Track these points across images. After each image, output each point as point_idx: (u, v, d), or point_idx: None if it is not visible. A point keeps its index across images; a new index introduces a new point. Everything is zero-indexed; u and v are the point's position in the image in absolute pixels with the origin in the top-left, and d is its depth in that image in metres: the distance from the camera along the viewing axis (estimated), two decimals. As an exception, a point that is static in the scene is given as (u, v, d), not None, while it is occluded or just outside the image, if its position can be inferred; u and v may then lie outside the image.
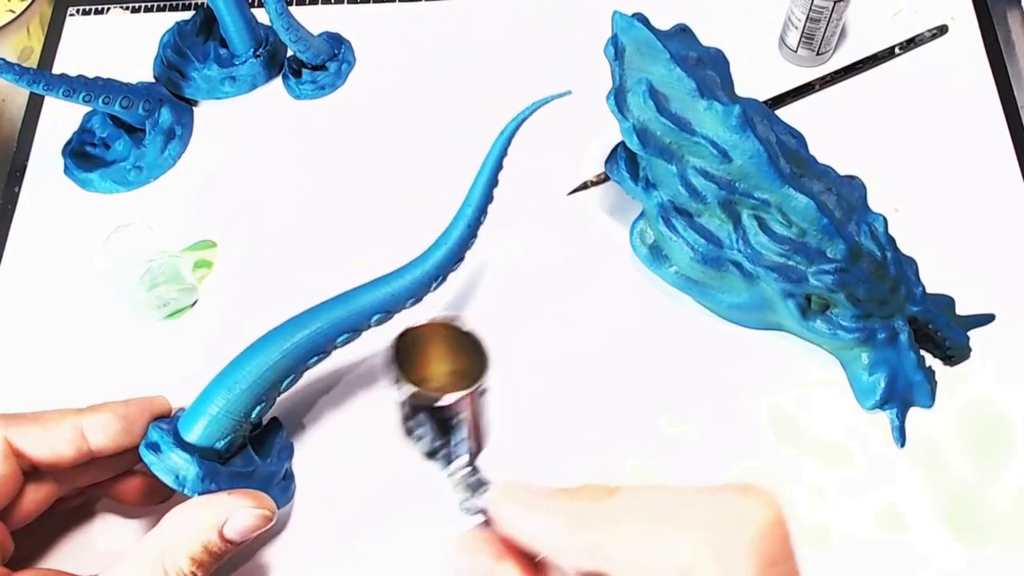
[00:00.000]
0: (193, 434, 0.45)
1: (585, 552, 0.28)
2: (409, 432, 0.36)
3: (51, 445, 0.43)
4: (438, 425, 0.35)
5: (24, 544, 0.46)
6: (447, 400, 0.35)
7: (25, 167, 0.65)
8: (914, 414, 0.53)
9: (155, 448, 0.44)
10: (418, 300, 0.48)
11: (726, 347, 0.56)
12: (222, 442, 0.45)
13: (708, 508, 0.27)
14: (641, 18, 0.51)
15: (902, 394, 0.52)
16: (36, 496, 0.45)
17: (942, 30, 0.67)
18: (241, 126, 0.66)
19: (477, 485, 0.35)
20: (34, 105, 0.68)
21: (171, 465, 0.43)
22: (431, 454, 0.36)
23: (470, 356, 0.36)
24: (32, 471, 0.44)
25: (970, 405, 0.53)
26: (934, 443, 0.52)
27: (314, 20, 0.66)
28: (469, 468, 0.36)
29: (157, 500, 0.49)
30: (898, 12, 0.68)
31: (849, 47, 0.67)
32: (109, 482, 0.48)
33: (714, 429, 0.53)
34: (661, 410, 0.54)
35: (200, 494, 0.43)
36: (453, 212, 0.61)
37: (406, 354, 0.36)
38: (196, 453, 0.44)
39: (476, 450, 0.36)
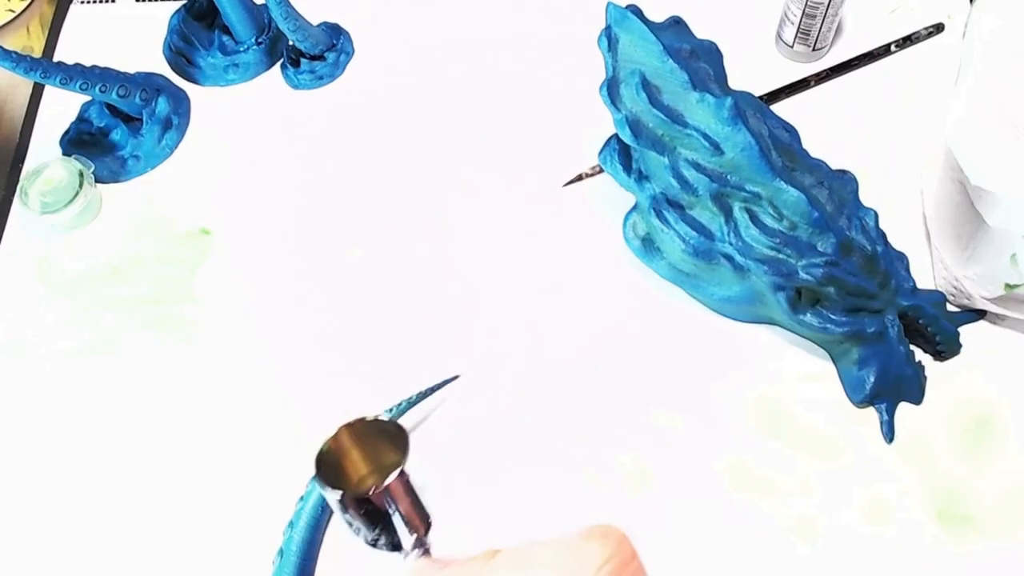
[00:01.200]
0: None
1: None
2: (350, 529, 0.38)
3: None
4: (370, 518, 0.37)
5: None
6: (369, 493, 0.36)
7: (25, 156, 0.65)
8: (903, 409, 0.53)
9: None
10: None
11: (717, 340, 0.56)
12: None
13: (561, 554, 0.32)
14: (635, 10, 0.51)
15: (892, 389, 0.52)
16: None
17: (938, 28, 0.67)
18: (239, 116, 0.66)
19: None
20: (34, 99, 0.68)
21: None
22: (373, 544, 0.38)
23: (387, 445, 0.37)
24: None
25: (959, 400, 0.53)
26: (923, 438, 0.52)
27: (313, 10, 0.67)
28: (417, 549, 0.37)
29: None
30: (895, 9, 0.68)
31: (845, 43, 0.67)
32: None
33: (704, 421, 0.53)
34: (651, 402, 0.54)
35: None
36: (448, 202, 0.62)
37: (329, 468, 0.37)
38: None
39: (420, 528, 0.37)
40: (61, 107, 0.66)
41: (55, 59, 0.70)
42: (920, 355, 0.54)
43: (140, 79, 0.64)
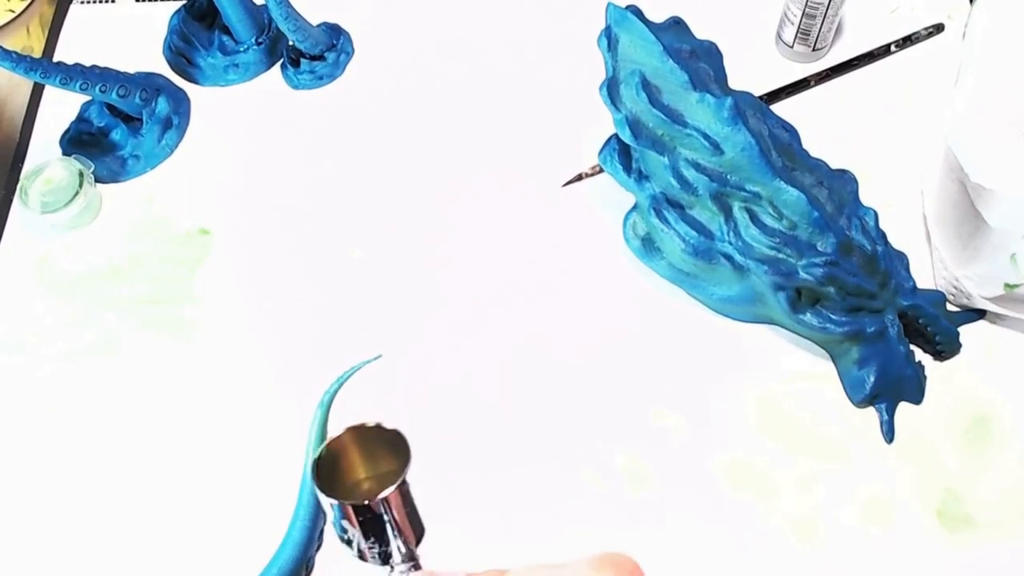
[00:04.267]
0: None
1: None
2: (342, 539, 0.37)
3: None
4: (364, 528, 0.36)
5: None
6: (366, 501, 0.36)
7: (25, 156, 0.65)
8: (903, 409, 0.53)
9: None
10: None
11: (717, 340, 0.56)
12: None
13: None
14: (635, 10, 0.51)
15: (891, 389, 0.52)
16: None
17: (938, 28, 0.67)
18: (239, 116, 0.66)
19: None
20: (34, 99, 0.68)
21: None
22: (360, 556, 0.37)
23: (388, 454, 0.37)
24: None
25: (959, 400, 0.53)
26: (923, 437, 0.52)
27: (313, 10, 0.67)
28: (406, 564, 0.37)
29: None
30: (896, 9, 0.69)
31: (845, 43, 0.67)
32: None
33: (704, 421, 0.53)
34: (651, 402, 0.54)
35: None
36: (448, 202, 0.62)
37: (327, 472, 0.36)
38: None
39: (412, 542, 0.37)
40: (61, 107, 0.66)
41: (55, 59, 0.70)
42: (920, 355, 0.54)
43: (140, 79, 0.64)
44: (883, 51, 0.66)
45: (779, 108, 0.64)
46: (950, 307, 0.55)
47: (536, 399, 0.54)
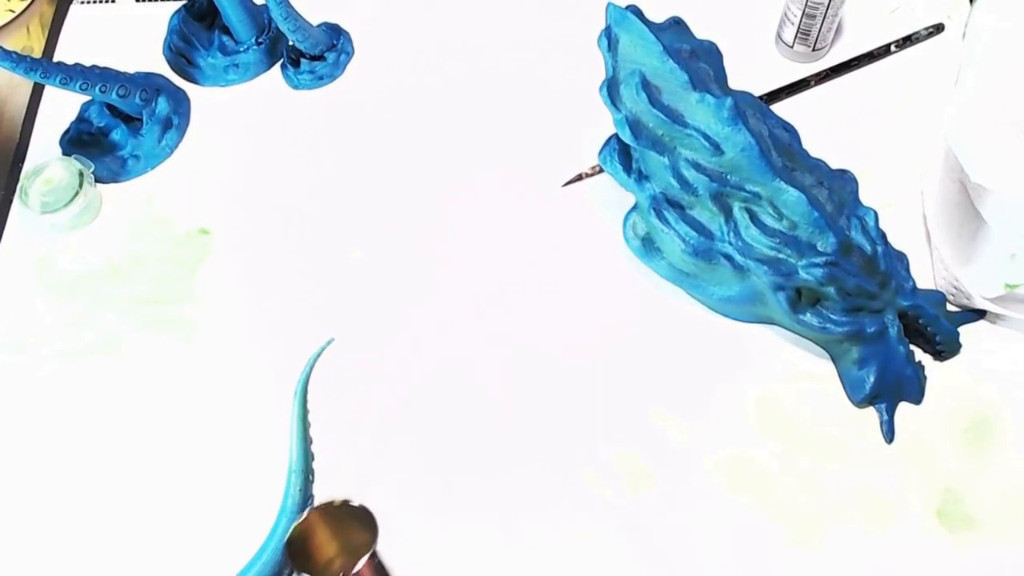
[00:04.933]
0: None
1: None
2: None
3: None
4: None
5: None
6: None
7: (25, 156, 0.65)
8: (903, 409, 0.53)
9: None
10: None
11: (717, 340, 0.56)
12: None
13: None
14: (635, 10, 0.51)
15: (891, 389, 0.52)
16: None
17: (938, 28, 0.67)
18: (239, 116, 0.66)
19: None
20: (34, 99, 0.68)
21: None
22: None
23: (357, 528, 0.37)
24: None
25: (959, 400, 0.53)
26: (923, 438, 0.52)
27: (313, 10, 0.67)
28: None
29: None
30: (896, 9, 0.68)
31: (845, 43, 0.67)
32: None
33: (704, 421, 0.53)
34: (651, 402, 0.54)
35: None
36: (448, 202, 0.62)
37: (298, 552, 0.37)
38: None
39: None
40: (61, 107, 0.66)
41: (55, 59, 0.70)
42: (920, 355, 0.54)
43: (140, 79, 0.64)
44: (883, 51, 0.66)
45: (779, 108, 0.64)
46: (950, 307, 0.55)
47: (536, 399, 0.54)
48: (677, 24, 0.53)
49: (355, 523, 0.37)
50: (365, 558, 0.35)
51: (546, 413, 0.54)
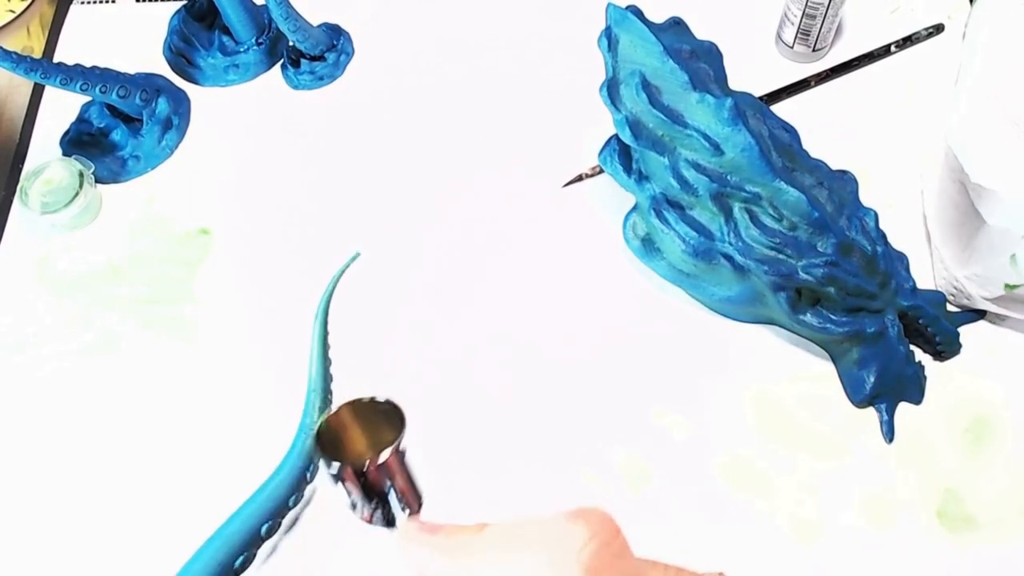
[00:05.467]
0: None
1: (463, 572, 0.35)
2: (348, 502, 0.39)
3: None
4: (366, 491, 0.38)
5: None
6: (367, 466, 0.37)
7: (25, 156, 0.65)
8: (903, 409, 0.53)
9: None
10: (300, 495, 0.50)
11: (717, 340, 0.56)
12: None
13: (546, 532, 0.35)
14: (635, 11, 0.51)
15: (891, 389, 0.52)
16: None
17: (938, 29, 0.67)
18: (239, 116, 0.66)
19: None
20: (34, 99, 0.68)
21: None
22: (369, 518, 0.38)
23: (384, 423, 0.38)
24: None
25: (959, 400, 0.53)
26: (923, 438, 0.52)
27: (313, 10, 0.67)
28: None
29: None
30: (896, 10, 0.69)
31: (845, 44, 0.67)
32: None
33: (704, 421, 0.53)
34: (651, 402, 0.54)
35: None
36: (448, 202, 0.62)
37: (328, 443, 0.37)
38: None
39: (414, 504, 0.39)
40: (61, 107, 0.66)
41: (55, 59, 0.70)
42: (920, 355, 0.54)
43: (140, 79, 0.64)
44: (883, 51, 0.66)
45: (779, 108, 0.64)
46: (950, 307, 0.55)
47: (536, 399, 0.54)
48: (677, 24, 0.53)
49: (383, 418, 0.38)
50: (391, 448, 0.37)
51: (546, 412, 0.54)
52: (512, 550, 0.34)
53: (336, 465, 0.37)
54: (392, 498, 0.38)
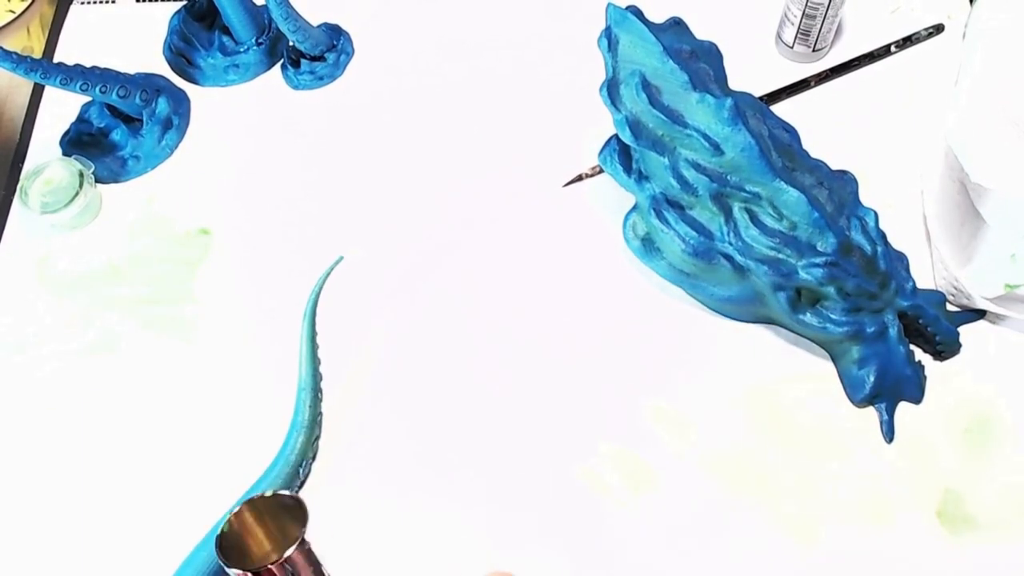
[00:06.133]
0: None
1: None
2: None
3: None
4: None
5: None
6: (270, 565, 0.36)
7: (25, 156, 0.65)
8: (903, 409, 0.53)
9: None
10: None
11: (717, 340, 0.56)
12: None
13: None
14: (635, 11, 0.51)
15: (891, 388, 0.52)
16: None
17: (938, 29, 0.67)
18: (239, 116, 0.66)
19: None
20: (34, 99, 0.68)
21: None
22: None
23: (286, 518, 0.37)
24: None
25: (959, 400, 0.53)
26: (923, 438, 0.52)
27: (313, 10, 0.67)
28: None
29: None
30: (896, 10, 0.68)
31: (845, 44, 0.67)
32: None
33: (704, 421, 0.53)
34: (651, 401, 0.54)
35: None
36: (448, 202, 0.62)
37: (230, 548, 0.37)
38: None
39: None
40: (61, 107, 0.66)
41: (55, 59, 0.70)
42: (920, 355, 0.54)
43: (140, 79, 0.64)
44: (883, 51, 0.66)
45: (779, 108, 0.64)
46: (950, 307, 0.55)
47: (536, 399, 0.54)
48: (677, 24, 0.53)
49: (286, 514, 0.38)
50: (294, 546, 0.36)
51: (546, 413, 0.54)
52: None
53: (239, 573, 0.36)
54: None
